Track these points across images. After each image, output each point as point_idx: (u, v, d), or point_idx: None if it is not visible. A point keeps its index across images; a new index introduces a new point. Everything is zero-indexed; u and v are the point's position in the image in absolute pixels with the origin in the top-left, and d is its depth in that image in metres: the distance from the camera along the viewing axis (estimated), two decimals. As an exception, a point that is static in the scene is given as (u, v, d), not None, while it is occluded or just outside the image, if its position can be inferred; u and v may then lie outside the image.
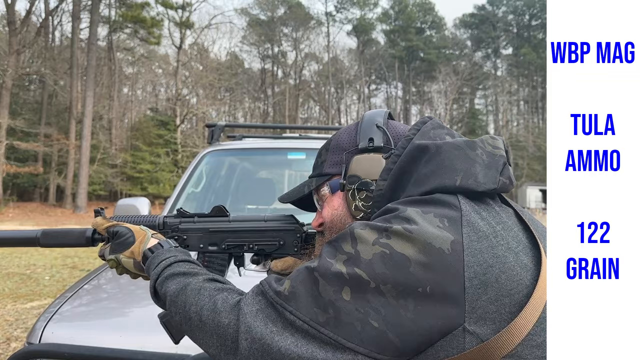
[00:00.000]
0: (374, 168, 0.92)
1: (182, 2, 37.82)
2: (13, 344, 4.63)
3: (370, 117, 0.99)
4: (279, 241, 1.13)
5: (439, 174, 0.84)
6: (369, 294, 0.72)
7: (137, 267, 1.01)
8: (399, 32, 55.34)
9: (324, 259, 0.78)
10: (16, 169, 28.12)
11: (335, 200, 0.99)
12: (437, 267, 0.72)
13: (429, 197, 0.82)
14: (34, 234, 1.11)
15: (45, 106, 33.47)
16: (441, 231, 0.75)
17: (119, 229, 1.04)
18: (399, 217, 0.78)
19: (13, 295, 6.65)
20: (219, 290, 0.84)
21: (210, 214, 1.15)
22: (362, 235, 0.77)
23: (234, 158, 3.56)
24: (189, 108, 38.86)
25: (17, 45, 29.58)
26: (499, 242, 0.76)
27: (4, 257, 10.48)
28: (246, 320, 0.76)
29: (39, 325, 1.48)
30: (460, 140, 0.89)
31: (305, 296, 0.75)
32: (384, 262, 0.73)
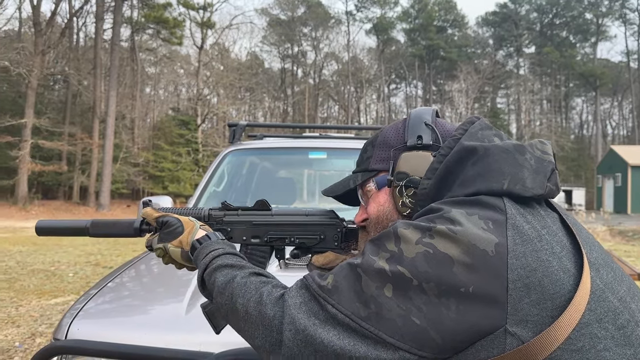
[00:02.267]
0: (422, 166, 0.93)
1: (204, 3, 38.17)
2: (38, 339, 4.72)
3: (418, 115, 1.00)
4: (319, 235, 1.14)
5: (486, 177, 0.84)
6: (411, 291, 0.73)
7: (184, 257, 1.02)
8: (419, 30, 55.00)
9: (367, 256, 0.79)
10: (41, 168, 28.70)
11: (381, 197, 1.00)
12: (480, 268, 0.72)
13: (474, 198, 0.82)
14: (84, 224, 1.15)
15: (70, 106, 34.08)
16: (485, 233, 0.75)
17: (168, 219, 1.06)
18: (443, 217, 0.78)
19: (38, 292, 6.78)
20: (264, 283, 0.85)
21: (254, 207, 1.17)
22: (405, 234, 0.78)
23: (255, 157, 3.58)
24: (210, 108, 39.19)
25: (42, 46, 30.18)
26: (543, 246, 0.76)
27: (29, 254, 10.71)
28: (290, 312, 0.78)
29: (65, 322, 1.51)
30: (510, 143, 0.88)
31: (348, 291, 0.77)
32: (427, 261, 0.74)
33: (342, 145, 3.36)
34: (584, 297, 0.74)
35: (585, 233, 0.87)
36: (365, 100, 57.09)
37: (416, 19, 55.72)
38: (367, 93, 55.95)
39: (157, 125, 39.03)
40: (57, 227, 1.17)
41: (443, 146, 0.91)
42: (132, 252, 11.19)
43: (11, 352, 4.33)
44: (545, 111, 55.95)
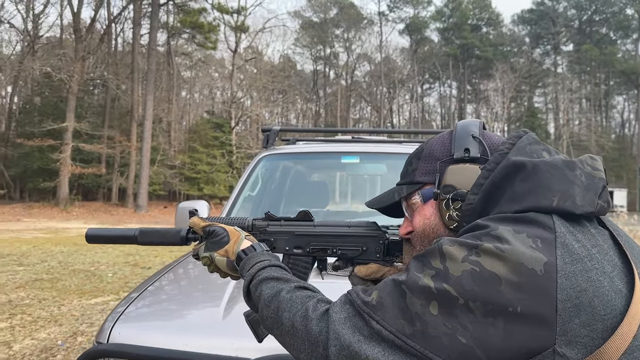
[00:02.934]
0: (469, 179, 0.91)
1: (238, 7, 38.64)
2: (79, 338, 4.87)
3: (465, 127, 0.98)
4: (361, 247, 1.14)
5: (535, 194, 0.82)
6: (457, 309, 0.73)
7: (230, 267, 1.04)
8: (453, 29, 54.32)
9: (412, 272, 0.78)
10: (81, 170, 29.57)
11: (427, 210, 0.99)
12: (528, 288, 0.71)
13: (522, 215, 0.80)
14: (132, 232, 1.18)
15: (109, 110, 35.00)
16: (534, 252, 0.74)
17: (215, 228, 1.08)
18: (490, 235, 0.77)
19: (78, 292, 6.98)
20: (310, 297, 0.86)
21: (296, 218, 1.18)
22: (450, 251, 0.77)
23: (288, 162, 3.61)
24: (244, 110, 39.64)
25: (82, 52, 31.11)
26: (593, 266, 0.74)
27: (70, 254, 11.04)
28: (335, 328, 0.78)
29: (107, 326, 1.56)
30: (559, 159, 0.86)
31: (392, 307, 0.76)
32: (474, 280, 0.73)
33: (374, 149, 3.35)
34: (635, 320, 0.72)
35: (638, 250, 0.84)
36: (398, 100, 56.70)
37: (450, 18, 55.04)
38: (399, 94, 55.58)
39: (192, 128, 39.71)
40: (107, 236, 1.21)
41: (490, 161, 0.90)
42: (169, 253, 11.41)
43: (54, 350, 4.48)
44: (585, 110, 54.40)
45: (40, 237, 14.93)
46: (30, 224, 20.63)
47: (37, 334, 4.94)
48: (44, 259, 10.11)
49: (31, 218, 23.95)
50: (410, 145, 3.62)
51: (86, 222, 22.57)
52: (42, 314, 5.72)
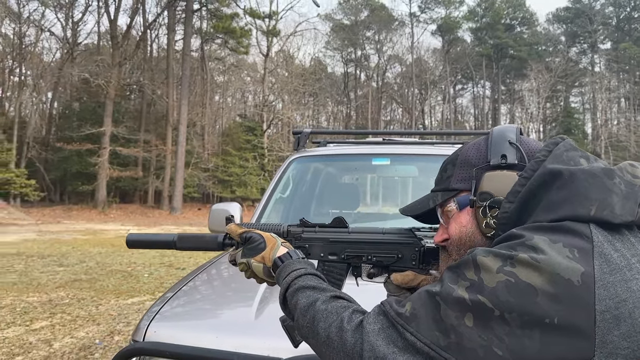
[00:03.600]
0: (507, 186, 0.90)
1: (269, 11, 38.97)
2: (116, 337, 4.99)
3: (501, 133, 0.97)
4: (397, 254, 1.13)
5: (572, 202, 0.80)
6: (493, 321, 0.72)
7: (266, 273, 1.05)
8: (486, 29, 53.44)
9: (446, 284, 0.78)
10: (118, 173, 30.32)
11: (463, 217, 0.97)
12: (565, 298, 0.70)
13: (558, 224, 0.79)
14: (172, 237, 1.21)
15: (144, 114, 35.79)
16: (570, 262, 0.72)
17: (252, 235, 1.09)
18: (525, 245, 0.76)
19: (116, 292, 7.15)
20: (345, 308, 0.86)
21: (331, 224, 1.18)
22: (485, 262, 0.76)
23: (319, 164, 3.62)
24: (275, 113, 39.93)
25: (119, 58, 31.92)
26: (633, 276, 0.73)
27: (108, 255, 11.32)
28: (369, 339, 0.78)
29: (143, 324, 1.60)
30: (597, 167, 0.84)
31: (426, 319, 0.76)
32: (509, 291, 0.72)
33: (405, 151, 3.33)
34: None
35: None
36: (430, 102, 56.13)
37: (483, 18, 54.18)
38: (431, 95, 55.02)
39: (225, 132, 40.21)
40: (146, 241, 1.23)
41: (526, 168, 0.88)
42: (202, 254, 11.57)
43: (92, 349, 4.60)
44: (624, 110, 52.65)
45: (79, 239, 15.37)
46: (69, 225, 21.25)
47: (76, 333, 5.09)
48: (83, 260, 10.40)
49: (70, 220, 24.66)
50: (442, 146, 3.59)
51: (123, 224, 23.08)
52: (80, 313, 5.88)
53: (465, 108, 60.73)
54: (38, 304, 6.32)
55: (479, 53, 52.81)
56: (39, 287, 7.37)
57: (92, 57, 34.79)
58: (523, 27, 55.37)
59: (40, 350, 4.53)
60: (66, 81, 36.72)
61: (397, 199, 4.15)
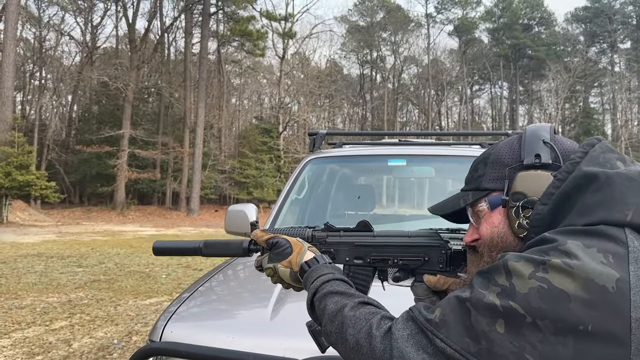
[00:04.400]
0: (541, 186, 0.88)
1: (285, 14, 39.13)
2: (134, 337, 5.04)
3: (535, 132, 0.95)
4: (423, 257, 1.12)
5: (608, 206, 0.78)
6: (525, 328, 0.70)
7: (293, 278, 1.04)
8: (503, 29, 52.95)
9: (476, 289, 0.77)
10: (137, 175, 30.67)
11: (495, 217, 0.96)
12: (600, 305, 0.69)
13: (592, 228, 0.77)
14: (197, 244, 1.21)
15: (162, 117, 36.14)
16: (605, 267, 0.71)
17: (278, 240, 1.08)
18: (558, 250, 0.74)
19: (134, 292, 7.22)
20: (374, 314, 0.85)
21: (356, 228, 1.17)
22: (516, 268, 0.75)
23: (335, 165, 3.62)
24: (291, 115, 40.03)
25: (137, 62, 32.31)
26: None
27: (127, 256, 11.44)
28: (398, 345, 0.77)
29: (160, 325, 1.61)
30: (635, 170, 0.83)
31: (456, 325, 0.75)
32: (541, 297, 0.71)
33: (421, 152, 3.31)
34: None
35: None
36: (447, 103, 55.80)
37: (500, 18, 53.70)
38: (448, 96, 54.68)
39: (242, 134, 40.44)
40: (172, 248, 1.24)
41: (561, 170, 0.87)
42: (218, 256, 11.62)
43: (110, 349, 4.65)
44: (645, 109, 51.82)
45: (98, 240, 15.56)
46: (88, 227, 21.54)
47: (95, 333, 5.15)
48: (102, 261, 10.53)
49: (90, 221, 25.00)
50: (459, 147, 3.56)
51: (142, 225, 23.32)
52: (99, 313, 5.95)
53: (482, 109, 60.27)
54: (58, 304, 6.40)
55: (496, 54, 52.34)
56: (59, 288, 7.48)
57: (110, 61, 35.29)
58: (541, 27, 54.74)
59: (59, 350, 4.59)
60: (85, 84, 37.27)
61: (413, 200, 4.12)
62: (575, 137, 45.18)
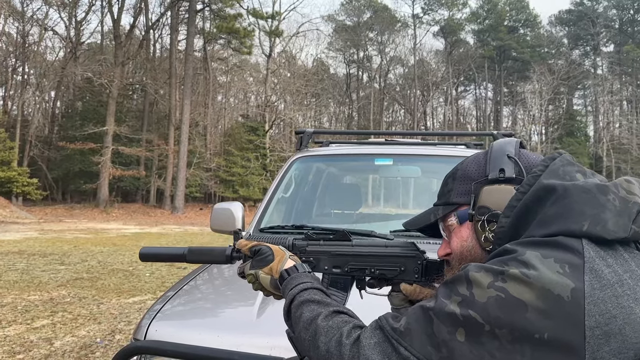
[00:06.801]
0: (504, 200, 0.90)
1: (272, 12, 39.01)
2: (117, 335, 4.99)
3: (501, 147, 0.97)
4: (399, 267, 1.14)
5: (565, 217, 0.80)
6: (484, 336, 0.72)
7: (273, 285, 1.06)
8: (489, 31, 53.40)
9: (439, 299, 0.79)
10: (121, 172, 30.37)
11: (463, 231, 0.98)
12: (555, 314, 0.70)
13: (551, 239, 0.79)
14: (182, 251, 1.23)
15: (147, 114, 35.85)
16: (561, 277, 0.73)
17: (261, 247, 1.10)
18: (517, 260, 0.76)
19: (117, 291, 7.16)
20: (346, 323, 0.87)
21: (335, 237, 1.19)
22: (476, 278, 0.77)
23: (321, 164, 3.62)
24: (277, 114, 39.97)
25: (122, 58, 31.98)
26: (624, 292, 0.73)
27: (110, 254, 11.33)
28: (365, 353, 0.79)
29: (144, 323, 1.60)
30: (592, 183, 0.85)
31: (419, 333, 0.77)
32: (499, 306, 0.73)
33: (408, 151, 3.32)
34: None
35: None
36: (432, 103, 56.09)
37: (486, 20, 54.12)
38: (434, 96, 54.97)
39: (227, 132, 40.24)
40: (158, 254, 1.26)
41: (523, 183, 0.89)
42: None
43: (93, 348, 4.60)
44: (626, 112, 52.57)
45: (81, 238, 15.38)
46: (71, 224, 21.28)
47: (77, 332, 5.09)
48: (84, 259, 10.41)
49: (72, 219, 24.70)
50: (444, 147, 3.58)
51: (125, 223, 23.11)
52: (82, 312, 5.89)
53: (467, 110, 60.68)
54: (39, 302, 6.32)
55: (482, 55, 52.75)
56: (41, 286, 7.38)
57: (95, 57, 34.91)
58: (526, 29, 55.31)
59: (41, 348, 4.53)
60: (69, 80, 36.81)
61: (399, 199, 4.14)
62: (558, 139, 45.77)
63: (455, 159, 3.18)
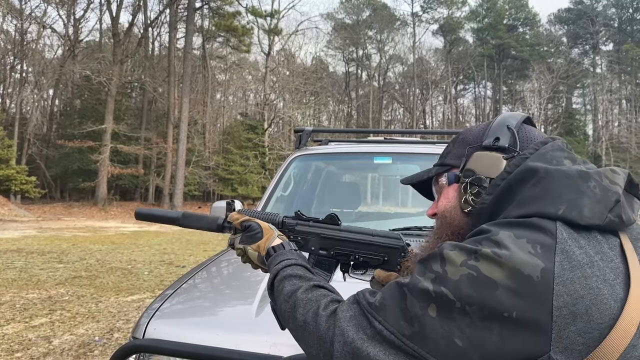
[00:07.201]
0: (490, 167, 0.93)
1: (271, 10, 38.95)
2: (116, 334, 4.99)
3: (504, 118, 1.00)
4: (383, 257, 1.17)
5: (543, 200, 0.82)
6: (455, 313, 0.74)
7: (259, 260, 1.10)
8: (488, 30, 53.40)
9: (414, 276, 0.81)
10: (119, 171, 30.30)
11: (450, 192, 1.01)
12: (524, 293, 0.72)
13: (525, 220, 0.80)
14: (176, 215, 1.26)
15: (146, 112, 35.77)
16: (532, 258, 0.74)
17: (251, 224, 1.14)
18: (490, 240, 0.78)
19: (116, 289, 7.15)
20: (324, 296, 0.90)
21: (324, 220, 1.21)
22: (450, 256, 0.78)
23: (320, 162, 3.62)
24: (276, 112, 39.93)
25: (120, 56, 31.92)
26: (594, 273, 0.74)
27: (108, 252, 11.33)
28: (340, 325, 0.81)
29: (143, 322, 1.59)
30: (574, 169, 0.86)
31: (393, 308, 0.79)
32: (471, 284, 0.74)
33: (407, 150, 3.33)
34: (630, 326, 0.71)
35: None
36: (431, 102, 56.08)
37: (485, 18, 54.12)
38: (433, 95, 54.96)
39: (226, 130, 40.19)
40: (153, 215, 1.29)
41: (511, 163, 0.90)
42: (202, 252, 11.58)
43: (91, 346, 4.60)
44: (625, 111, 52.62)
45: (80, 236, 15.37)
46: (69, 222, 21.26)
47: (76, 330, 5.08)
48: (83, 257, 10.41)
49: (71, 217, 24.68)
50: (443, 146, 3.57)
51: (124, 222, 23.09)
52: (80, 310, 5.88)
53: (466, 108, 60.68)
54: (38, 300, 6.31)
55: (481, 53, 52.75)
56: (39, 284, 7.37)
57: (93, 55, 34.80)
58: (525, 28, 55.30)
59: (39, 347, 4.53)
60: (67, 78, 36.72)
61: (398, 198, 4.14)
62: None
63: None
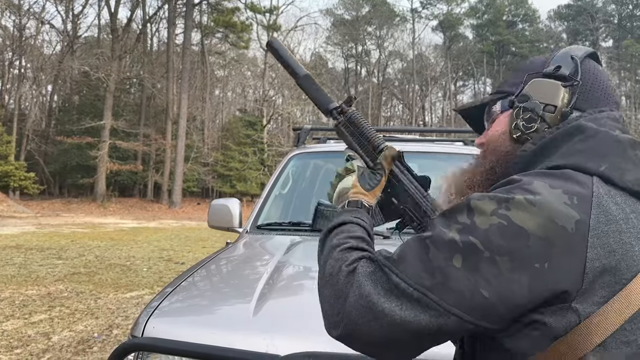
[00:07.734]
0: (548, 93, 0.89)
1: (270, 6, 38.90)
2: (115, 330, 5.00)
3: (570, 49, 0.96)
4: None
5: (586, 155, 0.80)
6: (482, 263, 0.71)
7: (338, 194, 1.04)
8: (488, 26, 53.33)
9: (438, 228, 0.77)
10: (118, 167, 30.31)
11: (502, 118, 0.97)
12: (558, 244, 0.70)
13: (561, 171, 0.78)
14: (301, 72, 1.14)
15: (144, 108, 35.72)
16: (567, 208, 0.72)
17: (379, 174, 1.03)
18: (523, 189, 0.75)
19: (114, 285, 7.16)
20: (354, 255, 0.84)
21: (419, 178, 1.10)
22: (479, 205, 0.75)
23: (319, 160, 3.62)
24: (275, 109, 39.89)
25: (119, 51, 31.85)
26: (628, 229, 0.74)
27: (107, 248, 11.34)
28: (358, 279, 0.78)
29: (142, 320, 1.60)
30: (626, 136, 0.84)
31: (413, 260, 0.75)
32: (501, 233, 0.71)
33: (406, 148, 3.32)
34: None
35: None
36: (431, 98, 56.07)
37: (485, 14, 54.03)
38: (432, 91, 54.94)
39: (225, 126, 40.17)
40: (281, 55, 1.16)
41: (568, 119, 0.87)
42: (201, 249, 11.60)
43: (90, 342, 4.61)
44: (625, 108, 52.66)
45: (78, 232, 15.37)
46: (68, 219, 21.26)
47: (75, 326, 5.10)
48: (82, 253, 10.41)
49: (69, 213, 24.68)
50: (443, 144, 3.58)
51: (122, 218, 23.09)
52: (79, 306, 5.89)
53: (465, 105, 60.62)
54: (37, 297, 6.32)
55: (480, 50, 52.71)
56: (38, 280, 7.38)
57: (92, 50, 34.72)
58: (525, 24, 55.25)
59: (38, 343, 4.54)
60: (66, 74, 36.64)
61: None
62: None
63: (453, 156, 3.20)
